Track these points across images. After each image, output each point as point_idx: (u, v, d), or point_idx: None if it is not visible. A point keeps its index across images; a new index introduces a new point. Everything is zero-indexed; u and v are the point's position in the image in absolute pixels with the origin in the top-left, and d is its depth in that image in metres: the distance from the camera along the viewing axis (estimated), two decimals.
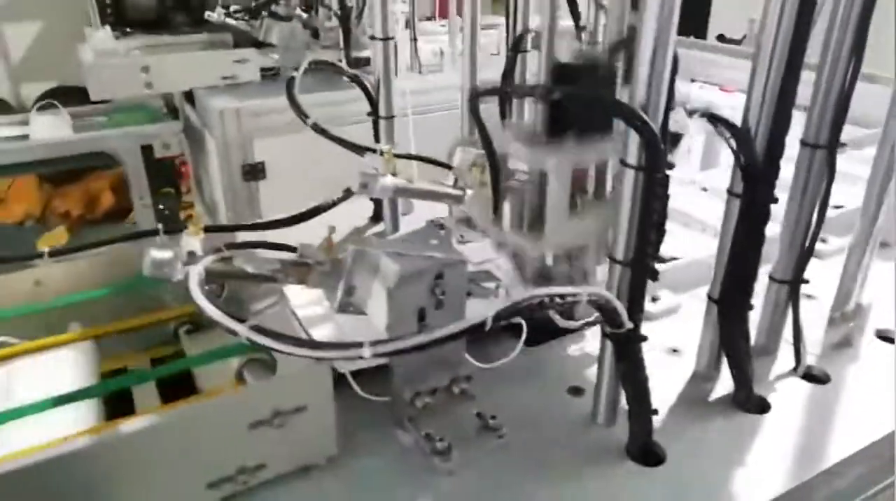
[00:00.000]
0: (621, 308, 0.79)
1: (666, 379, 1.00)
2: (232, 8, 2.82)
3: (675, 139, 0.78)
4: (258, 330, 0.69)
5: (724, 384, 0.98)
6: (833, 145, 0.91)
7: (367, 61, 2.18)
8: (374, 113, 1.34)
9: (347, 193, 1.12)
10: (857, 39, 0.86)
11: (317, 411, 0.81)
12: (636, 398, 0.85)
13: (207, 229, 0.95)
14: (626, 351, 0.84)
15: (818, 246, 1.34)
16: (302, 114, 1.18)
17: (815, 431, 0.91)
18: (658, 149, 0.73)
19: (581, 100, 0.83)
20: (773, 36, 0.79)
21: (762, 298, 1.03)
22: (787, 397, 0.96)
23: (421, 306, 0.85)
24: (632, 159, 0.75)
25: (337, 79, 1.56)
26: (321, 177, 1.52)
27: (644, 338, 0.84)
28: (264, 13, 2.75)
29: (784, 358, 1.03)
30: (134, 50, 2.78)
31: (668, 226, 0.89)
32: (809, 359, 1.02)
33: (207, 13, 2.80)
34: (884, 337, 1.09)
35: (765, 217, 0.85)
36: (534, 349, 1.05)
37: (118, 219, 4.00)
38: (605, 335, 0.85)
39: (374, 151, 1.12)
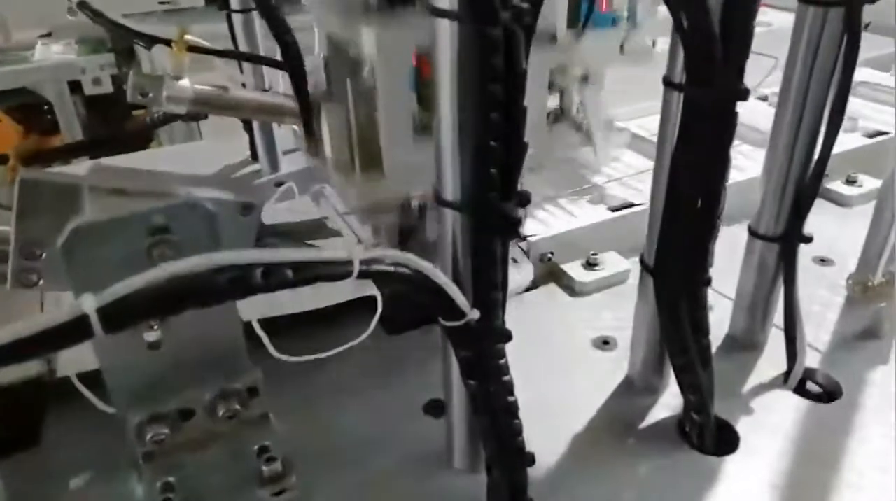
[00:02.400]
0: (451, 286, 0.44)
1: (582, 386, 0.65)
2: None
3: None
4: None
5: (671, 399, 0.63)
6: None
7: None
8: (224, 5, 0.98)
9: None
10: None
11: None
12: (495, 436, 0.50)
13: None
14: (475, 357, 0.48)
15: (841, 188, 0.96)
16: None
17: (808, 486, 0.55)
18: None
19: None
20: None
21: (741, 260, 0.67)
22: (769, 424, 0.60)
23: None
24: (443, 2, 0.39)
25: None
26: None
27: (506, 337, 0.48)
28: None
29: (775, 353, 0.67)
30: None
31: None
32: (812, 360, 0.66)
33: None
34: None
35: (727, 119, 0.48)
36: (380, 339, 0.70)
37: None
38: (441, 330, 0.50)
39: (166, 43, 0.76)
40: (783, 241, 0.62)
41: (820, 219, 0.88)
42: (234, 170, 1.12)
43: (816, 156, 0.58)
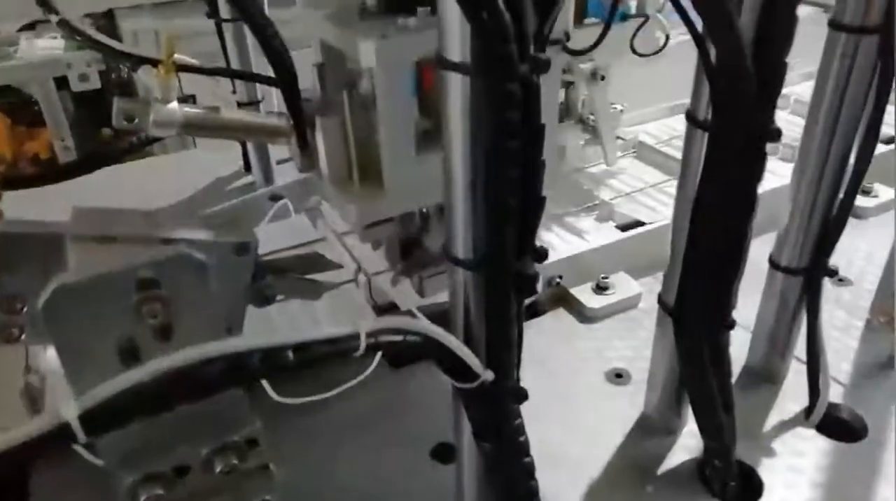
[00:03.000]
0: (462, 348, 0.41)
1: (596, 427, 0.62)
2: None
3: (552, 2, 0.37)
4: None
5: (690, 440, 0.60)
6: (891, 26, 0.49)
7: None
8: (213, 14, 0.94)
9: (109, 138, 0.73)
10: None
11: None
12: (508, 499, 0.48)
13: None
14: (488, 420, 0.45)
15: (858, 200, 0.93)
16: (49, 7, 0.77)
17: None
18: (500, 31, 0.32)
19: None
20: None
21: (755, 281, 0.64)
22: (793, 467, 0.57)
23: (123, 335, 0.47)
24: (453, 53, 0.35)
25: None
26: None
27: (522, 396, 0.45)
28: None
29: (795, 386, 0.64)
30: None
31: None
32: (834, 393, 0.63)
33: None
34: None
35: (756, 164, 0.45)
36: (383, 374, 0.67)
37: None
38: (453, 390, 0.47)
39: (153, 63, 0.72)
40: (807, 274, 0.59)
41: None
42: (227, 183, 1.09)
43: (843, 191, 0.54)
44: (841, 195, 0.56)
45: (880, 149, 0.98)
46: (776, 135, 0.44)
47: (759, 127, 0.44)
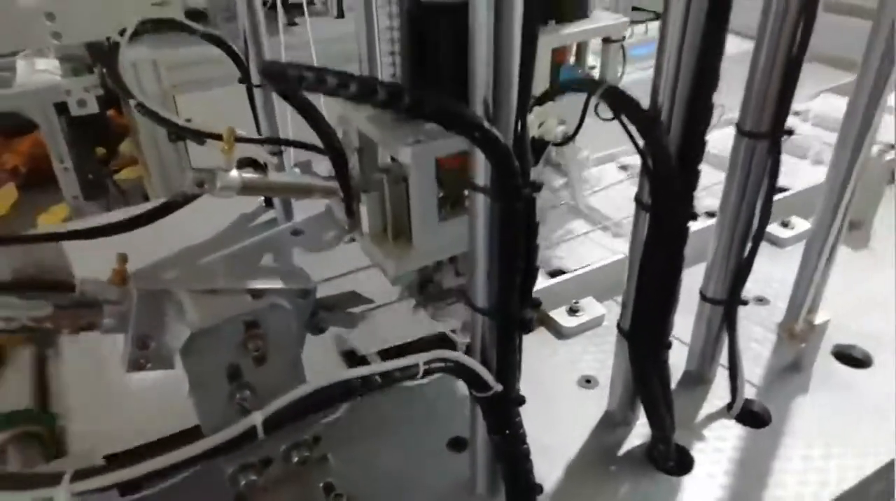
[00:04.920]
0: (482, 369, 0.60)
1: (572, 421, 0.81)
2: None
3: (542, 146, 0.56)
4: None
5: (642, 429, 0.79)
6: (777, 133, 0.69)
7: None
8: (245, 79, 1.11)
9: (182, 198, 0.90)
10: None
11: None
12: (513, 476, 0.67)
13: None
14: (498, 418, 0.64)
15: (776, 231, 1.14)
16: (126, 93, 0.94)
17: (747, 499, 0.73)
18: (511, 171, 0.51)
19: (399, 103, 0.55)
20: None
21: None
22: (717, 448, 0.78)
23: (232, 363, 0.65)
24: (479, 179, 0.54)
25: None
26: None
27: (521, 401, 0.65)
28: None
29: (721, 387, 0.85)
30: None
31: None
32: (749, 392, 0.84)
33: None
34: (843, 356, 0.90)
35: (681, 238, 0.65)
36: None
37: None
38: (471, 396, 0.66)
39: (217, 138, 0.89)
40: (726, 305, 0.79)
41: (757, 259, 1.05)
42: (250, 219, 1.25)
43: (749, 245, 0.75)
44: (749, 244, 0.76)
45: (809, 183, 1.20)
46: (694, 217, 0.64)
47: (683, 213, 0.63)
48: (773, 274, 1.05)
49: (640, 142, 0.62)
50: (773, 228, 1.14)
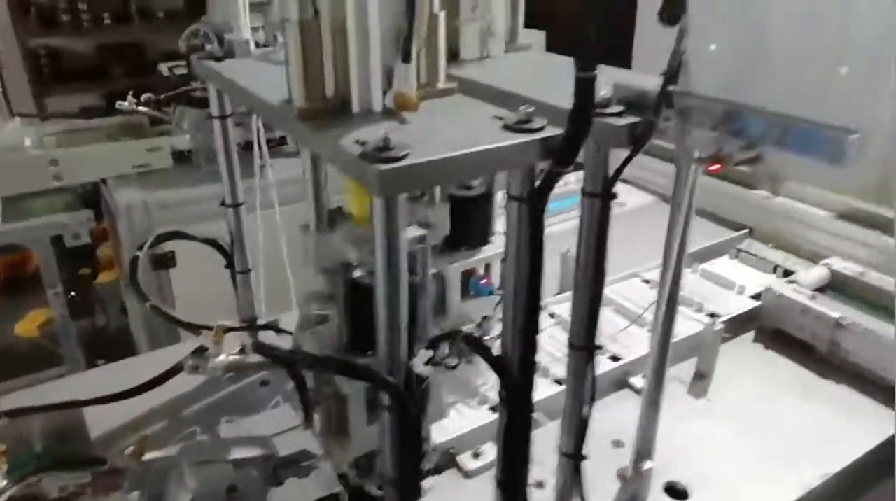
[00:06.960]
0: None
1: None
2: (143, 97, 2.85)
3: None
4: None
5: None
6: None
7: None
8: (229, 266, 1.43)
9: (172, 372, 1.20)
10: None
11: None
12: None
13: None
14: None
15: (639, 381, 1.47)
16: (143, 296, 1.26)
17: None
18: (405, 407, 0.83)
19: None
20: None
21: None
22: None
23: None
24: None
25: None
26: None
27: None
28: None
29: None
30: (48, 136, 2.83)
31: None
32: None
33: (118, 102, 2.84)
34: (673, 490, 1.21)
35: (527, 431, 0.96)
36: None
37: None
38: None
39: (209, 329, 1.20)
40: (574, 458, 1.10)
41: (621, 405, 1.38)
42: None
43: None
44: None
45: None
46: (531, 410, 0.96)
47: (527, 412, 0.95)
48: (631, 421, 1.37)
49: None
50: (636, 379, 1.47)
